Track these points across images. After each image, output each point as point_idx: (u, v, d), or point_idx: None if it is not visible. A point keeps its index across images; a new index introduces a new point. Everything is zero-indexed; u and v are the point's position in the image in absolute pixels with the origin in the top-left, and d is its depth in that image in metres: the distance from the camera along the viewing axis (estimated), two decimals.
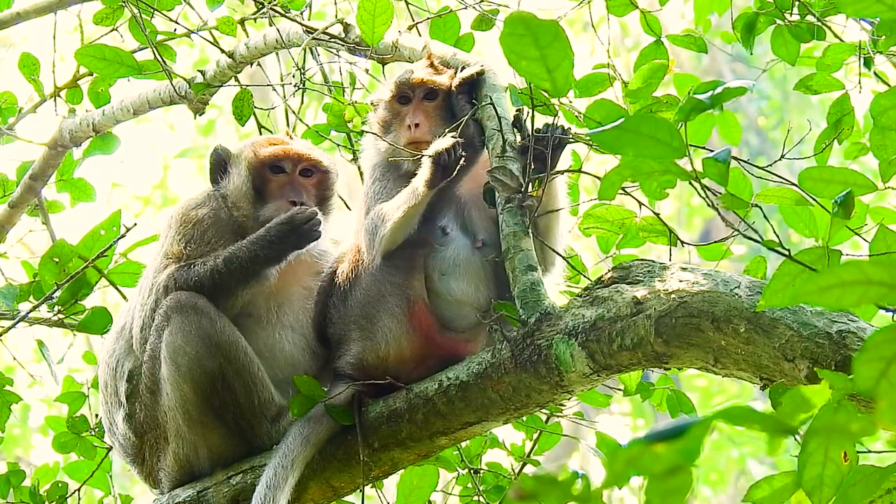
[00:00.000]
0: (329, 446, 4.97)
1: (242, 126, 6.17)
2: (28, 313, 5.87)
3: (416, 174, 4.96)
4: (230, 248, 5.14)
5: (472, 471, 5.69)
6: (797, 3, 5.55)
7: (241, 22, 6.23)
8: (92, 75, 6.58)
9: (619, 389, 5.71)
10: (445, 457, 5.54)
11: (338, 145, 6.12)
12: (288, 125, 6.24)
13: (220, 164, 5.43)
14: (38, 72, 6.62)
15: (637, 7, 6.03)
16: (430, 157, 4.89)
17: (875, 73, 5.76)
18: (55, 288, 5.81)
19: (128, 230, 5.92)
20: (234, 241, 5.21)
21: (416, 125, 5.13)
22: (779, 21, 5.63)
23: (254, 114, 6.21)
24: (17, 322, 5.86)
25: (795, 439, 3.75)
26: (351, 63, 5.99)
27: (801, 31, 5.59)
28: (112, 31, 6.32)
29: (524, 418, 5.59)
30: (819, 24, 5.56)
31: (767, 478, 3.84)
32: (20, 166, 6.85)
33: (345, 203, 6.09)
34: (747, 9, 5.70)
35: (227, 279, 5.08)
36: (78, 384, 6.09)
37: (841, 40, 5.67)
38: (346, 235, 5.35)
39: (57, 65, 6.66)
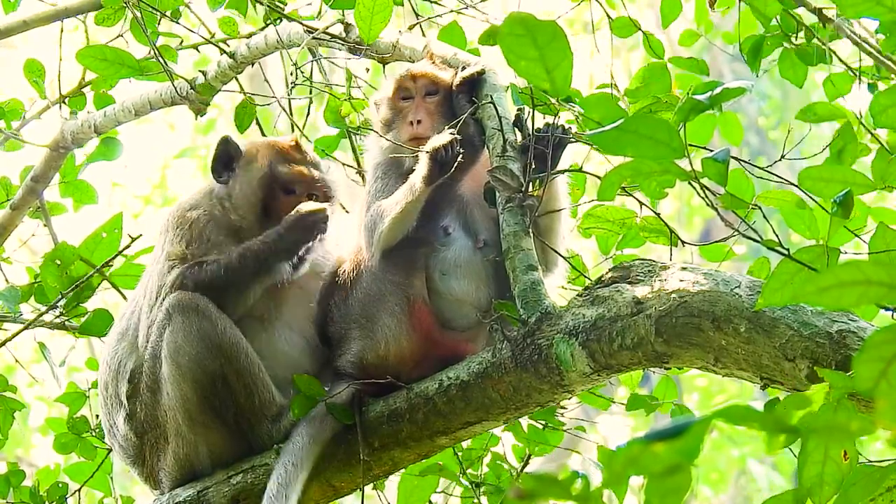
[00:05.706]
0: (329, 446, 4.97)
1: (241, 134, 6.14)
2: (33, 322, 5.87)
3: None
4: (243, 245, 5.14)
5: (474, 484, 5.68)
6: (802, 28, 5.52)
7: (249, 36, 6.21)
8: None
9: (623, 403, 5.71)
10: (447, 466, 5.55)
11: (344, 165, 6.09)
12: (293, 130, 6.22)
13: (226, 158, 5.39)
14: (44, 77, 6.60)
15: (640, 29, 6.01)
16: (427, 153, 4.89)
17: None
18: (59, 297, 5.81)
19: (133, 239, 5.93)
20: (232, 238, 5.21)
21: (419, 121, 5.12)
22: (786, 45, 5.60)
23: (255, 114, 6.19)
24: (23, 330, 5.88)
25: (790, 448, 3.75)
26: (348, 59, 5.97)
27: (808, 54, 5.56)
28: (118, 37, 6.31)
29: (525, 429, 5.60)
30: (825, 48, 5.53)
31: (776, 496, 3.80)
32: (23, 169, 6.84)
33: (342, 206, 6.09)
34: (753, 27, 5.66)
35: (240, 274, 5.07)
36: (80, 389, 6.09)
37: (848, 67, 5.64)
38: (347, 237, 5.34)
39: (60, 68, 6.64)
